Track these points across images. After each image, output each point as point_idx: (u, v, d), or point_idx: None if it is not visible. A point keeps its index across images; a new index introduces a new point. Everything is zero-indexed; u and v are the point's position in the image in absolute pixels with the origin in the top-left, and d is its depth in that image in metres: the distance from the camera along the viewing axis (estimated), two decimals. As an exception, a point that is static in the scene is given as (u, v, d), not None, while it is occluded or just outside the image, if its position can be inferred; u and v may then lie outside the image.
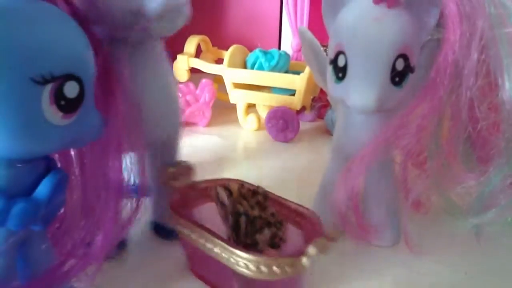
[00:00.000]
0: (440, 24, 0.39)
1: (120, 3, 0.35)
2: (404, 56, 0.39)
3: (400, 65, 0.39)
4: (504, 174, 0.38)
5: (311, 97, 0.83)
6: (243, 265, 0.35)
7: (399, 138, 0.40)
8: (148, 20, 0.36)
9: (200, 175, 0.46)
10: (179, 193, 0.43)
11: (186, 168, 0.45)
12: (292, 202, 0.42)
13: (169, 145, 0.47)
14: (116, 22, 0.36)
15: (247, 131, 0.84)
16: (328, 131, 0.79)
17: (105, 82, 0.34)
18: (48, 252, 0.32)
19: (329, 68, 0.42)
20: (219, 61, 0.85)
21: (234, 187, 0.40)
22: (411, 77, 0.40)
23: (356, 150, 0.42)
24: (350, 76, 0.40)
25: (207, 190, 0.44)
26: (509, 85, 0.35)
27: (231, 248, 0.35)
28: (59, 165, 0.33)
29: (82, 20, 0.30)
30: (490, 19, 0.36)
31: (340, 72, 0.41)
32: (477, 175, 0.39)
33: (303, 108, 0.83)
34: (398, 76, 0.39)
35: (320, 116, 0.86)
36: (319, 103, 0.84)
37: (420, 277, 0.43)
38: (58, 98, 0.26)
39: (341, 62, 0.41)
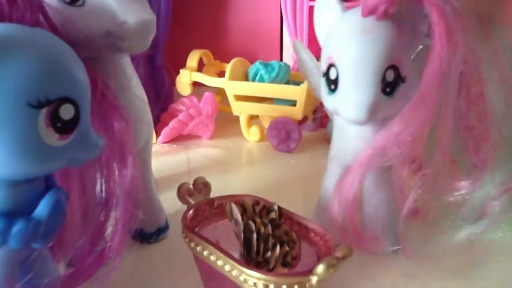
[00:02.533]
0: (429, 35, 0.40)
1: (97, 24, 0.37)
2: (394, 67, 0.40)
3: (390, 76, 0.40)
4: (496, 182, 0.38)
5: (313, 107, 0.84)
6: (252, 283, 0.35)
7: (392, 147, 0.40)
8: (123, 38, 0.38)
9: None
10: (194, 210, 0.44)
11: (202, 184, 0.45)
12: (306, 219, 0.43)
13: (144, 155, 0.49)
14: (93, 42, 0.38)
15: (250, 142, 0.85)
16: (330, 141, 0.80)
17: (101, 101, 0.36)
18: (49, 268, 0.33)
19: (322, 81, 0.43)
20: (222, 74, 0.87)
21: (249, 204, 0.41)
22: (403, 87, 0.41)
23: (352, 160, 0.43)
24: (342, 88, 0.41)
25: (223, 207, 0.44)
26: (492, 94, 0.36)
27: (240, 266, 0.35)
28: (58, 182, 0.34)
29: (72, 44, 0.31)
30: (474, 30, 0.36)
31: (332, 84, 0.42)
32: (471, 182, 0.40)
33: (305, 118, 0.84)
34: (389, 87, 0.40)
35: (322, 125, 0.86)
36: (320, 112, 0.85)
37: (419, 283, 0.44)
38: (54, 120, 0.27)
39: (332, 74, 0.41)
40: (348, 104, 0.40)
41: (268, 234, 0.38)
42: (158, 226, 0.51)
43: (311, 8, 0.90)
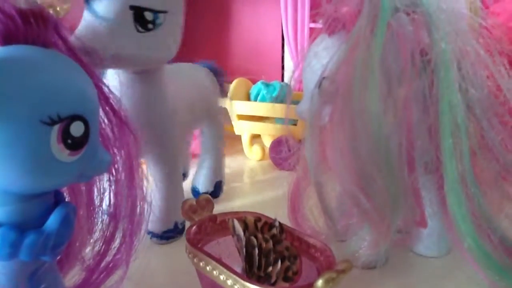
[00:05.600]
0: None
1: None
2: None
3: None
4: None
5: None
6: None
7: None
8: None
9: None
10: (197, 226, 0.44)
11: (205, 201, 0.46)
12: (307, 235, 0.44)
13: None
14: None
15: (252, 161, 0.86)
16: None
17: (111, 118, 0.37)
18: (58, 280, 0.34)
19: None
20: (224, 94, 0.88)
21: (251, 220, 0.42)
22: None
23: None
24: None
25: (225, 223, 0.45)
26: None
27: (242, 281, 0.36)
28: (67, 197, 0.36)
29: (84, 64, 0.32)
30: None
31: None
32: None
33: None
34: None
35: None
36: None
37: None
38: (65, 137, 0.28)
39: None
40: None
41: (270, 249, 0.39)
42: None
43: (311, 30, 0.92)
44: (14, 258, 0.29)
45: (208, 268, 0.39)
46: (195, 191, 0.69)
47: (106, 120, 0.37)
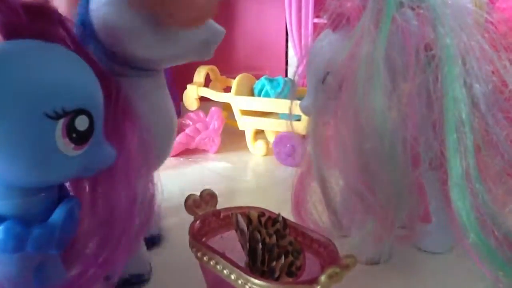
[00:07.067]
0: None
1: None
2: None
3: None
4: None
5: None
6: None
7: None
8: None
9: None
10: (201, 221, 0.45)
11: (209, 196, 0.47)
12: (311, 230, 0.44)
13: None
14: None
15: (256, 156, 0.86)
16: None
17: (115, 113, 0.37)
18: (61, 274, 0.34)
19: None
20: (228, 89, 0.88)
21: (254, 215, 0.42)
22: None
23: None
24: None
25: (229, 218, 0.45)
26: None
27: (245, 275, 0.36)
28: (71, 192, 0.36)
29: (89, 59, 0.32)
30: None
31: None
32: None
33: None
34: None
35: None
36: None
37: None
38: (70, 131, 0.29)
39: None
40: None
41: (273, 244, 0.39)
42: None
43: (315, 25, 0.91)
44: (20, 251, 0.29)
45: (211, 262, 0.39)
46: None
47: (109, 115, 0.37)
